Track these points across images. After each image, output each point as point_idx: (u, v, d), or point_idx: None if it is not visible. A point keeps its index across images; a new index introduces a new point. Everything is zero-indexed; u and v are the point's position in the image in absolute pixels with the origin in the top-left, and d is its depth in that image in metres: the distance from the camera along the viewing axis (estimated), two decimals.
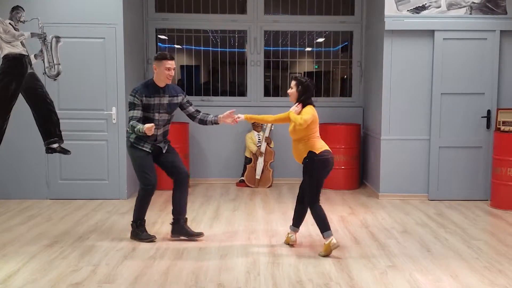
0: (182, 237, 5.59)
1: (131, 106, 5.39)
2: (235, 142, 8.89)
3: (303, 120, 5.04)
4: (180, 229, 5.62)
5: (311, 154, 5.15)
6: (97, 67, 7.31)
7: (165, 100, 5.49)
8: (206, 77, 9.35)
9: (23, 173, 7.39)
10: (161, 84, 5.48)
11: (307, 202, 5.30)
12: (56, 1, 7.22)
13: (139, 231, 5.62)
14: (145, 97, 5.38)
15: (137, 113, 5.35)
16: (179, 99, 5.63)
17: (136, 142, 5.47)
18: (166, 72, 5.45)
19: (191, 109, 5.75)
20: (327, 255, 5.07)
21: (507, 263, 4.92)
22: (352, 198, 7.81)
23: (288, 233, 5.50)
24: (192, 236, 5.61)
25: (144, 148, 5.47)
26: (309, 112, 5.14)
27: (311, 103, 5.26)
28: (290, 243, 5.44)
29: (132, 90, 5.44)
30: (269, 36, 9.04)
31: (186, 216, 5.69)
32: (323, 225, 5.13)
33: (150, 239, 5.55)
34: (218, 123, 5.73)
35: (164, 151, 5.63)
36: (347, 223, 6.33)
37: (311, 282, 4.41)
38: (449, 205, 7.32)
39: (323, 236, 5.13)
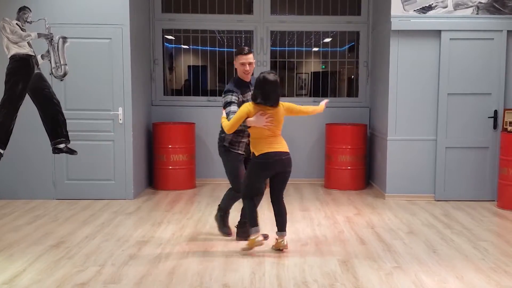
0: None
1: (229, 103, 5.17)
2: None
3: None
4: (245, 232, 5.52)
5: None
6: (103, 68, 7.33)
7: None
8: (213, 77, 9.35)
9: (29, 173, 7.42)
10: (246, 78, 5.37)
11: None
12: (63, 2, 7.24)
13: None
14: (241, 95, 5.29)
15: (235, 108, 5.13)
16: None
17: (230, 145, 5.39)
18: (241, 67, 5.35)
19: None
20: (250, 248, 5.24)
21: None
22: (358, 198, 7.79)
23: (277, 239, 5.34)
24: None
25: (238, 151, 5.40)
26: None
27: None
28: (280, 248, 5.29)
29: (227, 91, 5.25)
30: (275, 36, 9.03)
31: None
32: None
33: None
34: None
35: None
36: (353, 224, 6.32)
37: (316, 283, 4.40)
38: (456, 205, 7.29)
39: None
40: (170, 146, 8.16)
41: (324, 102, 5.54)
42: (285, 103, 5.17)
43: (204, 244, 5.49)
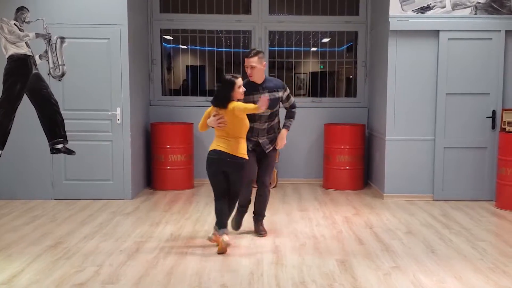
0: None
1: None
2: None
3: None
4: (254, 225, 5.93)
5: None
6: (101, 68, 7.32)
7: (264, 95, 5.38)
8: (211, 77, 9.34)
9: (28, 174, 7.41)
10: (258, 81, 5.48)
11: (237, 198, 5.51)
12: (61, 2, 7.23)
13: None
14: (247, 96, 5.35)
15: None
16: (279, 93, 5.58)
17: None
18: (247, 70, 5.51)
19: (286, 104, 5.75)
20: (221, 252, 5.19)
21: None
22: (357, 198, 7.79)
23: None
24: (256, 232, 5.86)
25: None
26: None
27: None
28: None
29: None
30: (274, 36, 9.03)
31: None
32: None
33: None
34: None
35: (267, 151, 5.67)
36: (351, 224, 6.32)
37: (314, 283, 4.40)
38: (454, 205, 7.29)
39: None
40: (168, 146, 8.16)
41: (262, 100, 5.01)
42: (234, 103, 5.14)
43: (203, 244, 5.48)
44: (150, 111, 8.77)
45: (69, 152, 7.36)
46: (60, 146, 7.34)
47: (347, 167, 8.34)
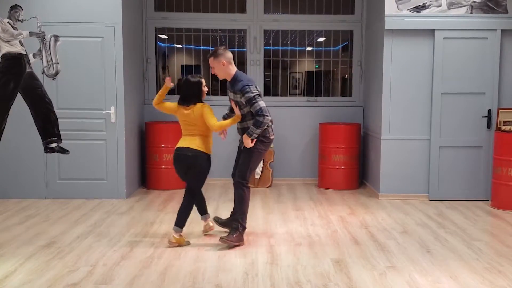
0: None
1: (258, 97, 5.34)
2: (234, 142, 8.84)
3: None
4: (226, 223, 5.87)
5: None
6: (96, 66, 7.28)
7: (231, 95, 5.53)
8: (206, 76, 9.29)
9: (21, 173, 7.36)
10: (225, 78, 5.59)
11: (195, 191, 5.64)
12: (55, 0, 7.18)
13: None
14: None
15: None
16: (237, 96, 5.38)
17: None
18: None
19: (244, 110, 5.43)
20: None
21: (507, 264, 4.88)
22: (352, 198, 7.77)
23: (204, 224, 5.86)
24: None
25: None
26: None
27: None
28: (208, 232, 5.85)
29: (249, 86, 5.29)
30: (269, 35, 9.00)
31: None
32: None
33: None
34: None
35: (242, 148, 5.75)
36: (346, 223, 6.30)
37: (309, 283, 4.37)
38: (449, 205, 7.28)
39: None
40: (162, 145, 8.12)
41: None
42: (205, 107, 5.39)
43: (197, 244, 5.45)
44: (145, 110, 8.74)
45: (63, 151, 7.32)
46: (54, 145, 7.30)
47: (343, 167, 8.32)
